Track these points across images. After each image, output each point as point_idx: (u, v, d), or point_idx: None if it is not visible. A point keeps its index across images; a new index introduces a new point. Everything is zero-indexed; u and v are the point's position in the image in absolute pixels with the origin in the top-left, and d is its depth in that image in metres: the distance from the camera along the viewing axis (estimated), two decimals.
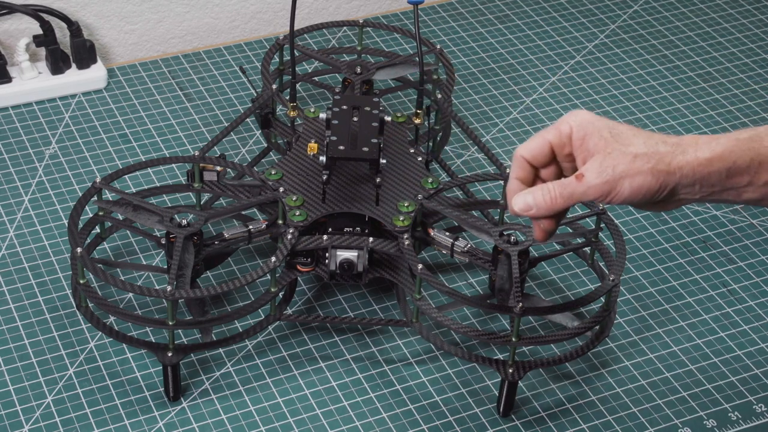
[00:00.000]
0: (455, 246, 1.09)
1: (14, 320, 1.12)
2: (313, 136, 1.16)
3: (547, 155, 0.88)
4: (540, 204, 0.86)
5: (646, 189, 0.84)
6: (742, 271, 1.22)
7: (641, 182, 0.84)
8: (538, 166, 0.89)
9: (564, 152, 0.88)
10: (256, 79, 1.42)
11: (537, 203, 0.86)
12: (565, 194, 0.86)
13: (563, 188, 0.86)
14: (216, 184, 1.13)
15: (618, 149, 0.85)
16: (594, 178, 0.84)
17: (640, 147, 0.85)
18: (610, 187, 0.85)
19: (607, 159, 0.85)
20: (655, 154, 0.84)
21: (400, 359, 1.11)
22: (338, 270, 1.07)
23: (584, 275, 1.20)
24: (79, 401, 1.05)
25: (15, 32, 1.40)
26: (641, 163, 0.84)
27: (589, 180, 0.85)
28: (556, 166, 0.89)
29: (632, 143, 0.85)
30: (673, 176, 0.84)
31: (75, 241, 1.03)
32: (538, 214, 0.87)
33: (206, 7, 1.50)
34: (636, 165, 0.84)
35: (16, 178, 1.28)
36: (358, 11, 1.59)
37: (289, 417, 1.05)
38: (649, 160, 0.84)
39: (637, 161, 0.84)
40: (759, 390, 1.10)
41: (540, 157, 0.88)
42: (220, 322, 1.05)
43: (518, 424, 1.06)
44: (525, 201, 0.87)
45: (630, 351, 1.13)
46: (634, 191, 0.85)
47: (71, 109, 1.37)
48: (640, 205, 0.87)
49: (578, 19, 1.57)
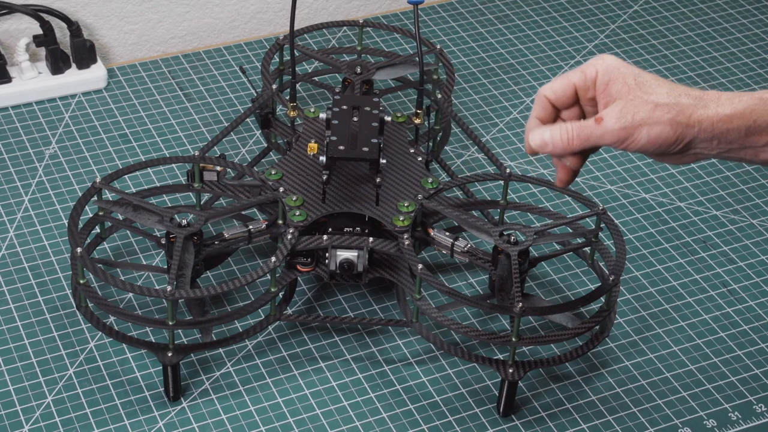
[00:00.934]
0: (455, 246, 1.09)
1: (14, 320, 1.12)
2: (313, 136, 1.16)
3: (570, 97, 0.89)
4: (557, 142, 0.87)
5: (663, 139, 0.85)
6: (742, 271, 1.22)
7: (659, 132, 0.85)
8: (560, 107, 0.89)
9: (587, 96, 0.88)
10: (256, 79, 1.43)
11: (554, 141, 0.87)
12: (583, 135, 0.86)
13: (581, 129, 0.86)
14: (216, 184, 1.13)
15: (640, 97, 0.85)
16: (613, 122, 0.85)
17: (663, 97, 0.85)
18: (627, 134, 0.85)
19: (628, 105, 0.85)
20: (677, 105, 0.85)
21: (400, 359, 1.11)
22: (338, 270, 1.07)
23: (584, 275, 1.20)
24: (79, 401, 1.05)
25: (15, 32, 1.40)
26: (661, 113, 0.85)
27: (607, 124, 0.85)
28: (579, 108, 0.90)
29: (655, 92, 0.85)
30: (691, 129, 0.85)
31: (75, 241, 1.03)
32: (553, 151, 0.87)
33: (206, 7, 1.50)
34: (656, 114, 0.85)
35: (16, 178, 1.28)
36: (358, 11, 1.59)
37: (289, 417, 1.05)
38: (669, 110, 0.84)
39: (657, 110, 0.85)
40: (759, 390, 1.10)
41: (563, 98, 0.89)
42: (220, 322, 1.05)
43: (518, 424, 1.06)
44: (542, 137, 0.87)
45: (630, 351, 1.13)
46: (651, 140, 0.85)
47: (71, 109, 1.37)
48: (656, 155, 0.88)
49: (578, 19, 1.57)
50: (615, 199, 1.29)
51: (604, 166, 1.33)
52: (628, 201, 1.29)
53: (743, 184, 1.32)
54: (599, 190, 1.30)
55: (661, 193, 1.31)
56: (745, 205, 1.30)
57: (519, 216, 1.25)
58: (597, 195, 1.30)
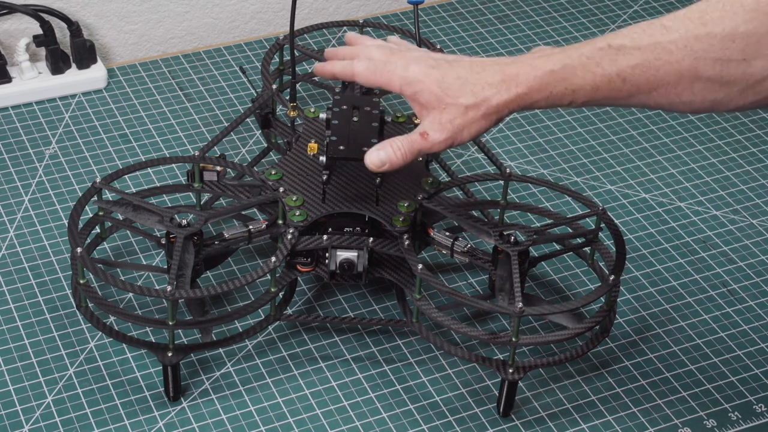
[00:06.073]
0: (455, 246, 1.09)
1: (14, 320, 1.12)
2: (313, 136, 1.16)
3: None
4: (393, 160, 0.98)
5: (483, 130, 0.96)
6: (742, 271, 1.22)
7: (477, 128, 0.96)
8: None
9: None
10: (256, 79, 1.43)
11: (390, 159, 0.98)
12: (414, 150, 0.97)
13: (410, 145, 0.97)
14: (216, 184, 1.13)
15: (450, 103, 0.95)
16: (437, 136, 0.96)
17: (469, 98, 0.95)
18: (452, 139, 0.96)
19: (444, 114, 0.95)
20: (483, 102, 0.95)
21: (400, 359, 1.11)
22: (338, 270, 1.07)
23: (584, 275, 1.20)
24: (79, 401, 1.05)
25: (15, 32, 1.40)
26: (473, 114, 0.95)
27: (432, 138, 0.96)
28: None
29: (462, 94, 0.95)
30: (503, 111, 0.95)
31: (75, 241, 1.03)
32: (390, 168, 0.98)
33: (206, 7, 1.50)
34: (469, 116, 0.95)
35: (16, 178, 1.28)
36: (358, 11, 1.59)
37: (289, 417, 1.05)
38: (478, 108, 0.95)
39: (469, 112, 0.95)
40: (759, 390, 1.10)
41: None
42: (220, 322, 1.05)
43: (518, 424, 1.06)
44: (380, 158, 0.98)
45: (630, 351, 1.13)
46: (473, 135, 0.96)
47: (71, 109, 1.37)
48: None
49: (578, 19, 1.57)
50: (615, 199, 1.29)
51: (604, 166, 1.33)
52: (628, 201, 1.29)
53: (743, 184, 1.32)
54: (599, 190, 1.30)
55: (661, 193, 1.31)
56: (745, 205, 1.30)
57: (519, 216, 1.25)
58: (597, 195, 1.30)
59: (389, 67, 0.98)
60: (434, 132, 0.96)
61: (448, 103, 0.95)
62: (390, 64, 0.99)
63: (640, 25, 0.91)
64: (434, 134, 0.96)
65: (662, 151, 1.36)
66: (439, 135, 0.96)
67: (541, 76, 0.93)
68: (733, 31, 0.86)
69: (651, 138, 1.38)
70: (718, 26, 0.87)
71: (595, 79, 0.92)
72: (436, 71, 0.96)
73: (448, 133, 0.95)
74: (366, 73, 1.00)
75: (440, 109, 0.95)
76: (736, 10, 0.87)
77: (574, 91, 0.93)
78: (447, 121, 0.95)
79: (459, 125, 0.95)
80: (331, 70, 1.03)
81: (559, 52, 0.94)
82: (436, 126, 0.96)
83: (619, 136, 1.38)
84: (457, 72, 0.96)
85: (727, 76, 0.88)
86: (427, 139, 0.96)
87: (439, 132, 0.96)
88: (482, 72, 0.95)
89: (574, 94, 0.93)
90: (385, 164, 0.98)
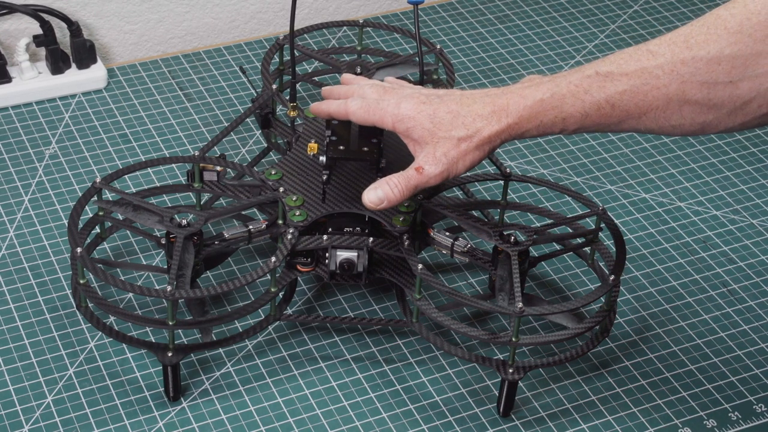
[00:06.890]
0: (455, 246, 1.09)
1: (14, 320, 1.12)
2: (313, 136, 1.16)
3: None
4: (391, 197, 0.99)
5: (477, 161, 0.98)
6: (742, 271, 1.22)
7: (471, 159, 0.97)
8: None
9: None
10: (256, 79, 1.43)
11: (388, 197, 0.99)
12: (411, 186, 0.98)
13: (407, 181, 0.98)
14: (216, 184, 1.13)
15: (443, 137, 0.97)
16: (433, 169, 0.97)
17: (461, 131, 0.96)
18: (448, 172, 0.98)
19: (438, 148, 0.97)
20: (475, 134, 0.96)
21: (400, 359, 1.11)
22: (338, 270, 1.07)
23: (584, 275, 1.20)
24: (79, 401, 1.05)
25: (15, 32, 1.40)
26: (466, 146, 0.97)
27: (428, 171, 0.97)
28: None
29: (454, 127, 0.97)
30: (495, 142, 0.97)
31: (75, 241, 1.03)
32: (389, 206, 0.99)
33: (206, 7, 1.50)
34: (462, 148, 0.97)
35: (16, 178, 1.28)
36: (358, 11, 1.59)
37: (289, 417, 1.05)
38: (471, 140, 0.96)
39: (462, 144, 0.97)
40: (759, 390, 1.10)
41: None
42: (220, 322, 1.05)
43: (518, 424, 1.06)
44: (377, 196, 0.99)
45: (630, 351, 1.13)
46: (468, 166, 0.98)
47: (71, 109, 1.37)
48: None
49: (578, 19, 1.57)
50: (615, 199, 1.29)
51: (604, 166, 1.33)
52: (628, 201, 1.29)
53: (743, 184, 1.32)
54: (599, 190, 1.30)
55: (661, 193, 1.31)
56: (745, 205, 1.30)
57: (519, 216, 1.25)
58: (597, 195, 1.30)
59: (382, 105, 1.00)
60: (429, 166, 0.97)
61: (440, 137, 0.97)
62: (382, 102, 1.00)
63: (627, 51, 0.92)
64: (429, 168, 0.97)
65: (662, 151, 1.36)
66: (434, 168, 0.97)
67: (531, 105, 0.95)
68: (719, 54, 0.87)
69: (651, 138, 1.38)
70: (704, 50, 0.88)
71: (585, 106, 0.93)
72: (428, 107, 0.98)
73: (443, 166, 0.97)
74: (359, 111, 1.01)
75: (433, 144, 0.97)
76: (720, 33, 0.87)
77: (564, 119, 0.94)
78: (441, 155, 0.97)
79: (453, 157, 0.97)
80: (326, 109, 1.05)
81: (548, 81, 0.95)
82: (431, 160, 0.97)
83: (619, 136, 1.38)
84: (448, 106, 0.97)
85: (714, 98, 0.88)
86: (423, 174, 0.97)
87: (434, 165, 0.97)
88: (473, 104, 0.97)
89: (564, 122, 0.95)
90: (383, 202, 0.99)
